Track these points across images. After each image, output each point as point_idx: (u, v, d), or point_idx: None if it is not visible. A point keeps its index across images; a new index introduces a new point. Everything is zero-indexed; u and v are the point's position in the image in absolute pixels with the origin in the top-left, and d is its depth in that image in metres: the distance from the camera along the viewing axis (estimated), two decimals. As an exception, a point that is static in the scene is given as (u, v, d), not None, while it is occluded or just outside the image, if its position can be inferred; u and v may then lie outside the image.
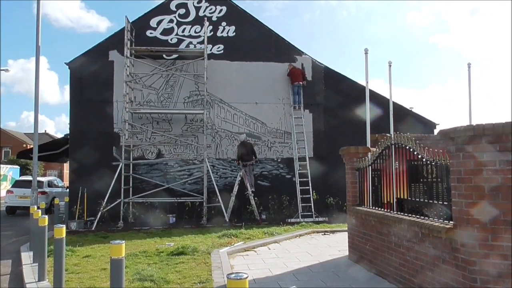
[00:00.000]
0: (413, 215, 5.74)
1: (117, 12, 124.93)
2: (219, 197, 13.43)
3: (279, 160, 15.25)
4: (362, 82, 15.63)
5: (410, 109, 17.31)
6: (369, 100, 12.13)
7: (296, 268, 7.29)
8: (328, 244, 9.54)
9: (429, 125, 16.43)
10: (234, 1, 15.59)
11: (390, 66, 13.00)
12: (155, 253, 8.47)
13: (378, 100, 14.72)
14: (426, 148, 5.52)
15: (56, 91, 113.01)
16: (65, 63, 14.50)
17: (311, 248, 9.15)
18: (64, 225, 5.83)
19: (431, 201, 5.47)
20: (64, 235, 5.63)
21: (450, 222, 4.82)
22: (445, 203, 5.11)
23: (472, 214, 4.37)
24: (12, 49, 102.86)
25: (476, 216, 4.34)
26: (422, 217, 5.53)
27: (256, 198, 13.92)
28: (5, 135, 59.44)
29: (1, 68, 29.51)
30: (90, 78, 14.42)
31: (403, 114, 15.44)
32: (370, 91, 12.58)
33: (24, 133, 64.74)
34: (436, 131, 16.32)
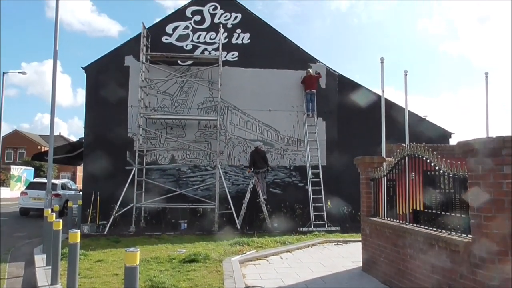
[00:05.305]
0: (430, 227, 5.64)
1: (128, 16, 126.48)
2: (231, 204, 13.40)
3: (291, 168, 15.18)
4: (373, 89, 15.60)
5: (424, 117, 17.12)
6: (384, 108, 12.02)
7: (309, 279, 7.20)
8: (341, 255, 9.43)
9: (445, 135, 16.24)
10: (248, 9, 15.67)
11: (406, 75, 12.85)
12: (167, 259, 8.46)
13: (393, 108, 14.59)
14: (443, 159, 5.43)
15: (69, 94, 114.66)
16: (81, 67, 14.69)
17: (324, 258, 9.05)
18: (79, 230, 5.85)
19: (448, 214, 5.37)
20: (78, 240, 5.64)
21: (469, 235, 4.73)
22: (463, 216, 5.01)
23: (492, 228, 4.27)
24: (25, 52, 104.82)
25: (495, 230, 4.25)
26: (439, 230, 5.43)
27: (268, 206, 13.86)
28: (20, 137, 60.47)
29: (18, 71, 30.09)
30: (105, 83, 14.54)
31: (418, 123, 15.26)
32: (385, 100, 12.48)
33: (39, 135, 65.68)
34: (451, 141, 16.13)
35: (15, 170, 37.69)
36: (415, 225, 6.06)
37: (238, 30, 15.40)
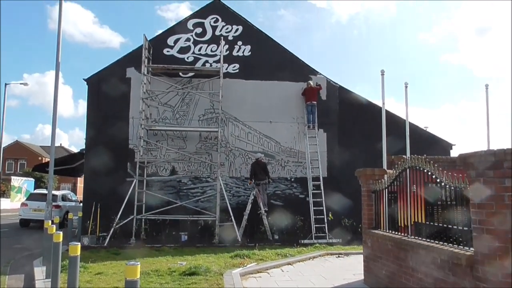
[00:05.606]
0: (432, 240, 5.62)
1: (130, 28, 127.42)
2: (232, 216, 13.35)
3: (292, 180, 15.16)
4: (374, 101, 15.66)
5: (425, 128, 17.14)
6: (385, 120, 12.04)
7: (310, 291, 7.15)
8: (342, 267, 9.37)
9: (445, 146, 16.23)
10: (249, 21, 15.79)
11: (406, 87, 12.91)
12: (168, 272, 8.39)
13: (393, 120, 14.61)
14: (445, 171, 5.43)
15: (70, 105, 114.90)
16: (83, 79, 14.77)
17: (325, 271, 8.98)
18: (79, 243, 5.82)
19: (450, 226, 5.35)
20: (79, 253, 5.61)
21: (471, 248, 4.70)
22: (465, 228, 4.99)
23: (494, 241, 4.25)
24: (27, 63, 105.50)
25: (497, 243, 4.22)
26: (441, 242, 5.40)
27: (269, 218, 13.81)
28: (21, 148, 60.50)
29: (20, 82, 30.43)
30: (107, 94, 14.58)
31: (419, 135, 15.27)
32: (386, 111, 12.51)
33: (40, 146, 65.70)
34: (452, 152, 16.12)
35: (16, 181, 37.64)
36: (416, 237, 6.03)
37: (239, 43, 15.51)
